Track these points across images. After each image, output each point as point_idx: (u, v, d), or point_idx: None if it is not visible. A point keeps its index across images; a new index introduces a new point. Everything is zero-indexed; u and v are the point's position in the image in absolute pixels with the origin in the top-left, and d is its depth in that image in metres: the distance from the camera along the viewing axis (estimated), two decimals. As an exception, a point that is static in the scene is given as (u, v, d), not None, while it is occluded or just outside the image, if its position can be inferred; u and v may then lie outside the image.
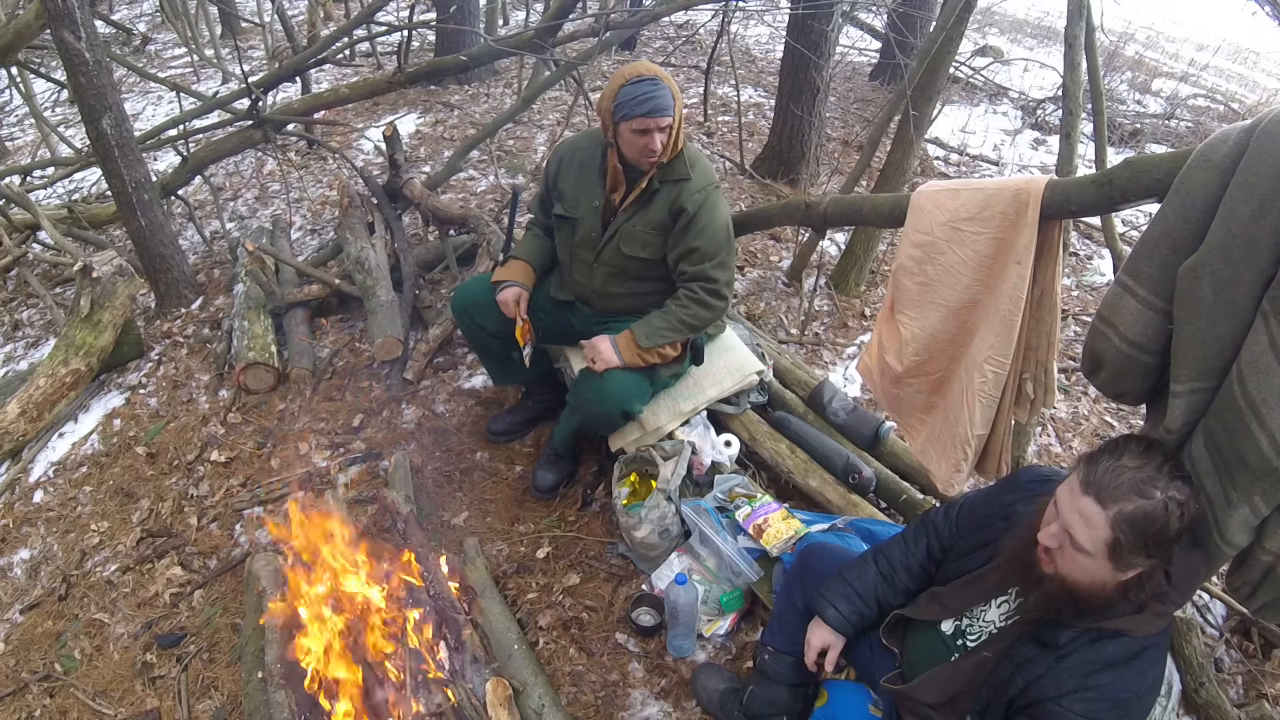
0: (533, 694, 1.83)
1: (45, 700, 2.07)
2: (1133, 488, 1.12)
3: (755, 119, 5.35)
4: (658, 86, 1.93)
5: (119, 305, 3.11)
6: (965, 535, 1.51)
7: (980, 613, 1.40)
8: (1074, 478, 1.18)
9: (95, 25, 3.00)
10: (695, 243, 2.08)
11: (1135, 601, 1.19)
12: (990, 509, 1.47)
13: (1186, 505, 1.12)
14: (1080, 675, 1.20)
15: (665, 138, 1.98)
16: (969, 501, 1.55)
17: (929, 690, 1.38)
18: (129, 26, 8.58)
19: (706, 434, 2.37)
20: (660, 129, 1.96)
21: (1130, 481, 1.12)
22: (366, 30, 4.48)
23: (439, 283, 3.60)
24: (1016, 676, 1.26)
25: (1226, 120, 5.65)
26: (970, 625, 1.41)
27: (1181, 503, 1.12)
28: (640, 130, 1.96)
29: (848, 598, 1.55)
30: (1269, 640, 2.08)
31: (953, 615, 1.43)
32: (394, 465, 2.54)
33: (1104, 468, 1.15)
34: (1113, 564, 1.15)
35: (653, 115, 1.93)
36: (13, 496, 2.73)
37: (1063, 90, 2.46)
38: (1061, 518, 1.18)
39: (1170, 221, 1.21)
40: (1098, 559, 1.15)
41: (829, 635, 1.56)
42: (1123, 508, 1.11)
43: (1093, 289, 3.75)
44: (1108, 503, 1.12)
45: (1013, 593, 1.36)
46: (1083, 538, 1.14)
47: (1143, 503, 1.11)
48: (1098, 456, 1.17)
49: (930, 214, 1.70)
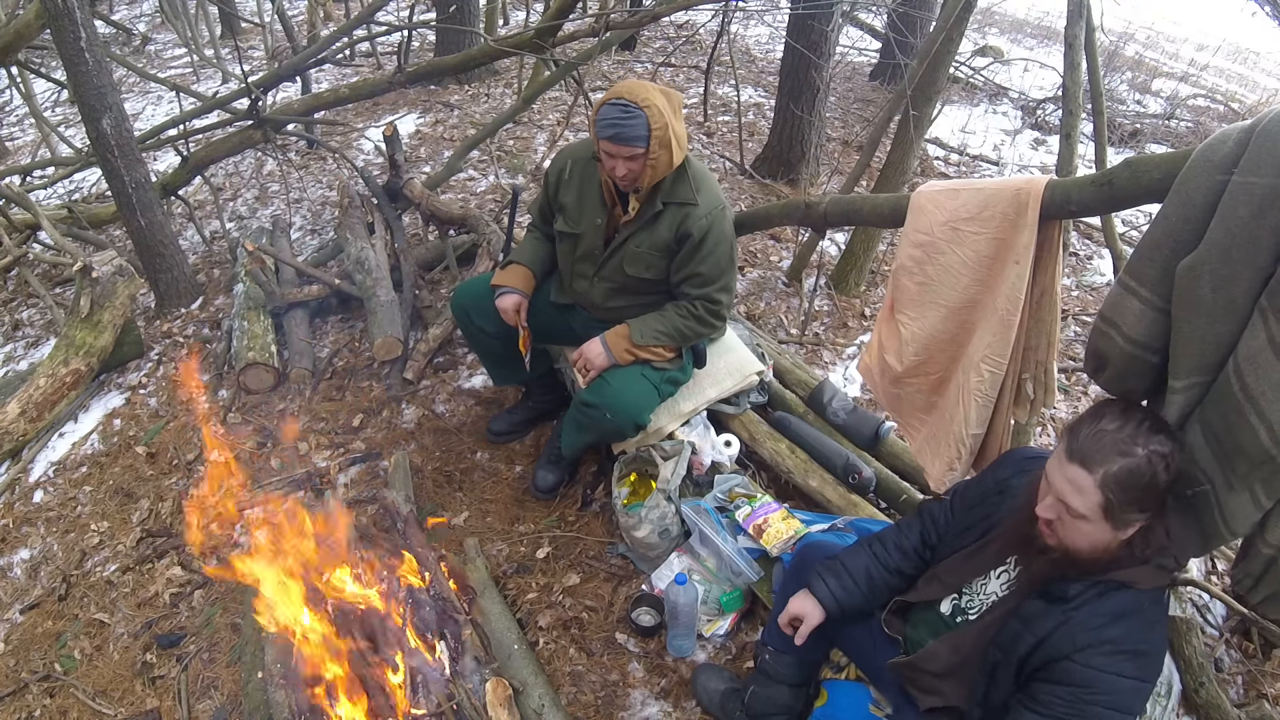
0: (533, 694, 1.83)
1: (45, 700, 2.08)
2: (1115, 448, 1.15)
3: (755, 119, 5.35)
4: (629, 114, 1.84)
5: (119, 305, 3.11)
6: (960, 516, 1.52)
7: (980, 585, 1.42)
8: (1060, 448, 1.21)
9: (95, 25, 3.00)
10: (700, 268, 2.07)
11: (1140, 556, 1.21)
12: (984, 487, 1.49)
13: (1170, 457, 1.15)
14: (1093, 629, 1.22)
15: (635, 166, 1.91)
16: (962, 486, 1.58)
17: (934, 660, 1.39)
18: (129, 26, 8.58)
19: (706, 434, 2.37)
20: (625, 158, 1.89)
21: (1112, 442, 1.15)
22: (366, 30, 4.48)
23: (439, 283, 3.60)
24: (1025, 633, 1.27)
25: (1226, 120, 5.65)
26: (970, 600, 1.42)
27: (1165, 455, 1.15)
28: (607, 154, 1.92)
29: (837, 574, 1.56)
30: (1269, 640, 2.08)
31: (952, 591, 1.44)
32: (394, 465, 2.54)
33: (1086, 434, 1.18)
34: (1111, 524, 1.17)
35: (615, 143, 1.87)
36: (13, 496, 2.73)
37: (1063, 90, 2.46)
38: (1054, 489, 1.21)
39: (1171, 222, 1.21)
40: (1095, 522, 1.17)
41: (809, 605, 1.56)
42: (1108, 469, 1.14)
43: (1093, 289, 3.75)
44: (1093, 467, 1.15)
45: (1012, 561, 1.38)
46: (1077, 504, 1.17)
47: (1126, 461, 1.14)
48: (1079, 425, 1.21)
49: (930, 214, 1.70)
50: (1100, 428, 1.18)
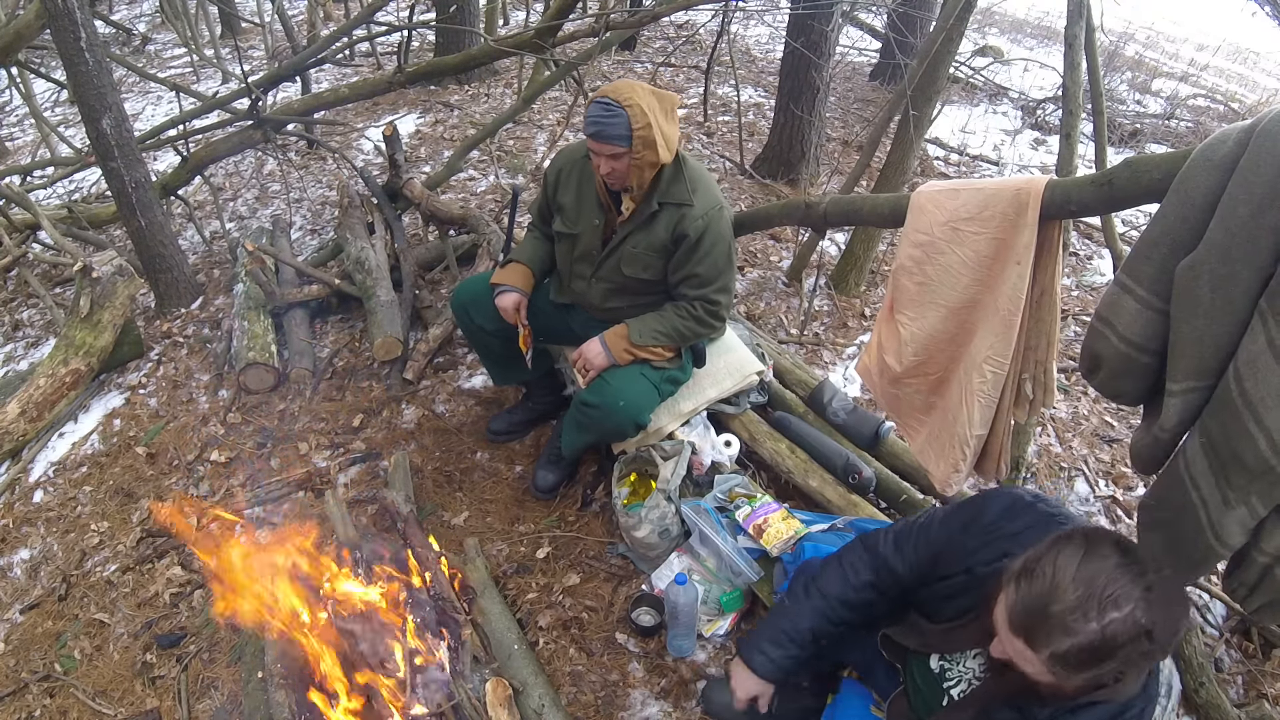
0: (533, 694, 1.83)
1: (45, 700, 2.07)
2: (1061, 627, 0.99)
3: (755, 119, 5.35)
4: (610, 112, 1.85)
5: (119, 305, 3.11)
6: (927, 571, 1.39)
7: (961, 658, 1.35)
8: (1004, 601, 1.07)
9: (95, 25, 3.00)
10: (698, 269, 2.07)
11: (1110, 686, 1.06)
12: (953, 553, 1.34)
13: (1129, 618, 0.98)
14: None
15: (618, 165, 1.92)
16: (926, 539, 1.41)
17: None
18: (129, 26, 8.58)
19: (706, 434, 2.37)
20: (607, 155, 1.90)
21: (1058, 621, 0.99)
22: (366, 30, 4.48)
23: (439, 283, 3.60)
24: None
25: (1226, 120, 5.65)
26: (950, 668, 1.36)
27: (1125, 619, 0.97)
28: (592, 151, 1.94)
29: (777, 642, 1.47)
30: (1269, 640, 2.08)
31: (936, 653, 1.37)
32: (394, 465, 2.54)
33: (1031, 600, 1.02)
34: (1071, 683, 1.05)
35: (596, 140, 1.89)
36: (13, 496, 2.73)
37: (1063, 90, 2.46)
38: (1001, 641, 1.09)
39: (1169, 221, 1.21)
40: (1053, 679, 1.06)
41: (756, 685, 1.48)
42: (1055, 650, 1.00)
43: (1093, 289, 3.75)
44: (1039, 647, 1.02)
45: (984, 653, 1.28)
46: (1027, 669, 1.07)
47: (1076, 640, 0.99)
48: (1026, 574, 1.04)
49: (930, 214, 1.70)
50: (1051, 589, 1.00)
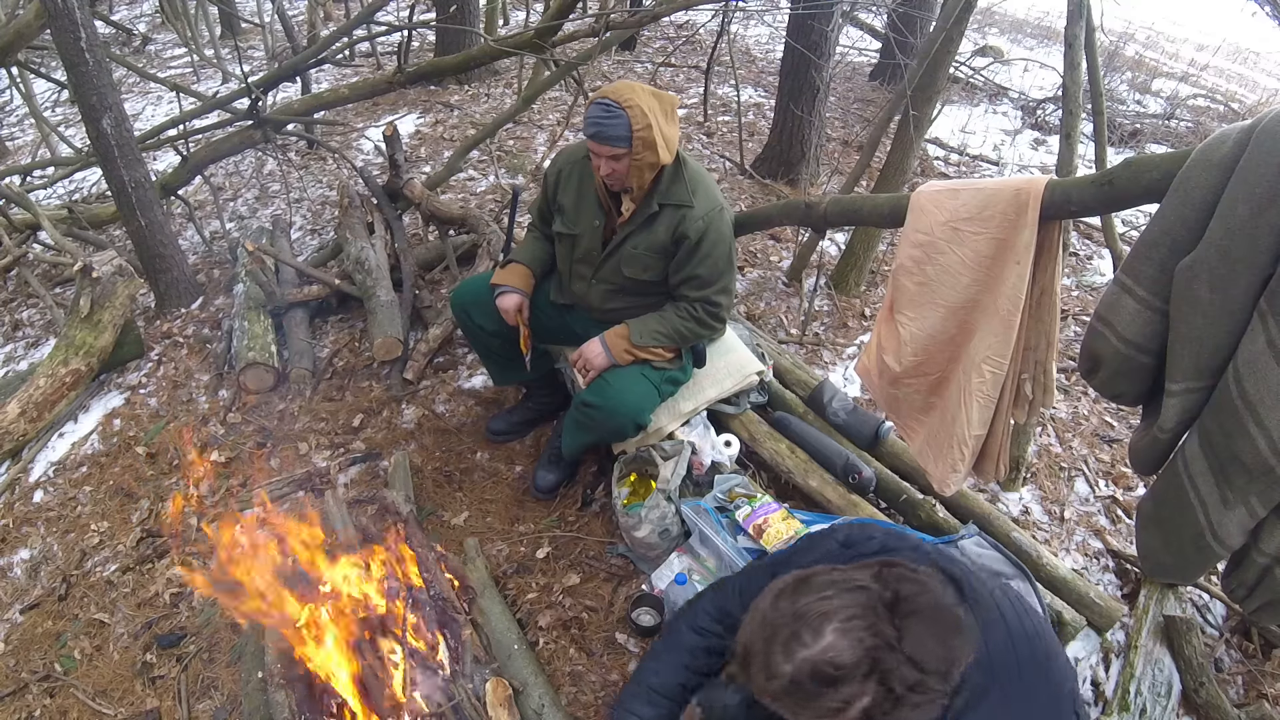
0: (533, 694, 1.83)
1: (45, 700, 2.07)
2: (764, 669, 1.01)
3: (755, 119, 5.35)
4: (611, 114, 1.85)
5: (119, 305, 3.11)
6: None
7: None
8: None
9: (95, 25, 3.00)
10: (698, 270, 2.07)
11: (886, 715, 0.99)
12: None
13: (833, 646, 0.97)
14: None
15: (618, 166, 1.92)
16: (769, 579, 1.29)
17: None
18: (129, 26, 8.58)
19: (706, 434, 2.37)
20: (607, 156, 1.90)
21: (760, 662, 1.02)
22: (366, 30, 4.48)
23: (439, 283, 3.60)
24: None
25: (1226, 120, 5.65)
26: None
27: (823, 648, 0.97)
28: (593, 152, 1.94)
29: (651, 701, 1.49)
30: (1269, 640, 2.08)
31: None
32: (394, 465, 2.54)
33: (737, 647, 1.07)
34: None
35: (596, 141, 1.89)
36: (13, 496, 2.73)
37: (1063, 90, 2.46)
38: None
39: (1169, 221, 1.21)
40: None
41: None
42: (769, 690, 1.00)
43: (1093, 289, 3.75)
44: (759, 692, 1.03)
45: None
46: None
47: (779, 681, 0.99)
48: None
49: (930, 214, 1.70)
50: (747, 640, 1.04)
